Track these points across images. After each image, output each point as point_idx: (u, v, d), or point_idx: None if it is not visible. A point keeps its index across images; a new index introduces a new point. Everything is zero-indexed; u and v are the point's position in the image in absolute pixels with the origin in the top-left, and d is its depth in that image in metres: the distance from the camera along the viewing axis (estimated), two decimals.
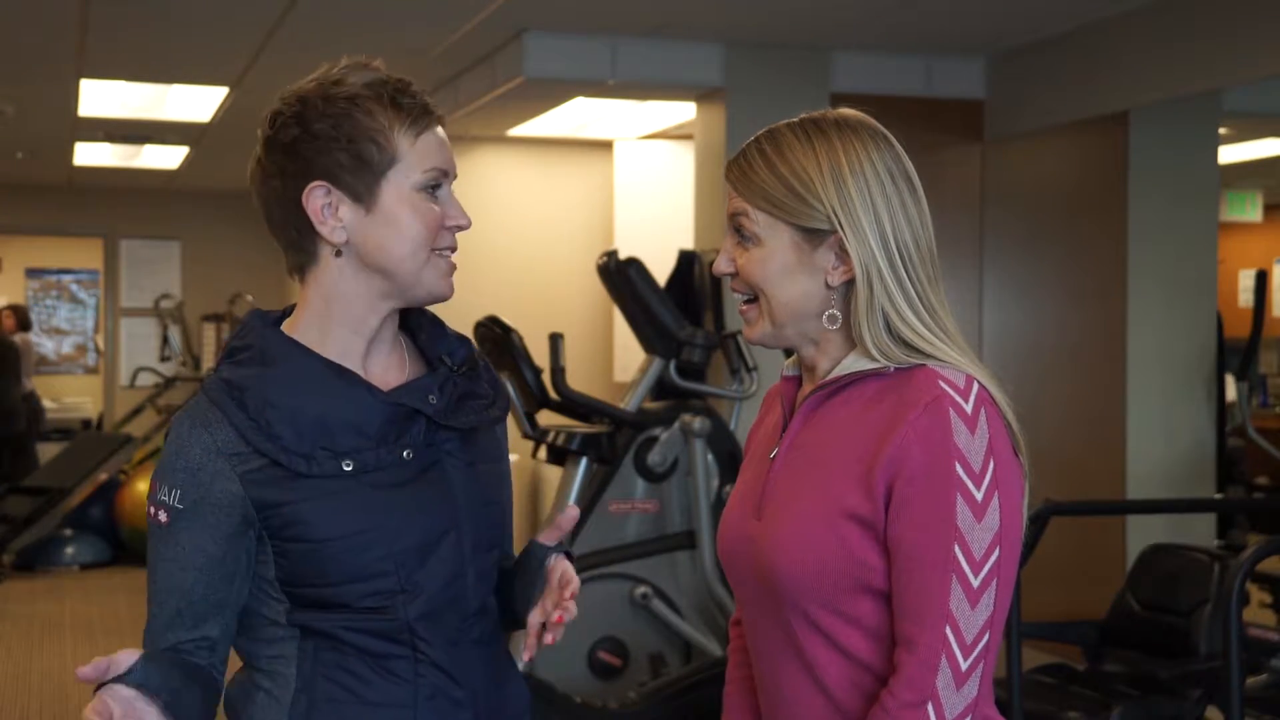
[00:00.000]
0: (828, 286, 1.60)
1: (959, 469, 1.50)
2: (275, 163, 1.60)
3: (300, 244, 1.62)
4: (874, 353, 1.58)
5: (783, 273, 1.60)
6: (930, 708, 1.48)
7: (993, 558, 1.50)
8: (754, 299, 1.64)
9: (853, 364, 1.61)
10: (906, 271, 1.58)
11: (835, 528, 1.55)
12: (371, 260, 1.60)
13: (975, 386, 1.54)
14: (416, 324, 1.72)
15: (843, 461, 1.57)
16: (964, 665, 1.49)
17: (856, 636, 1.57)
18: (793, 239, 1.59)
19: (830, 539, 1.55)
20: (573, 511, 1.66)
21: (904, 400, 1.54)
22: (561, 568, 1.64)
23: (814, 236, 1.59)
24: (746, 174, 1.62)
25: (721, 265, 1.66)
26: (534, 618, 1.61)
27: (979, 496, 1.50)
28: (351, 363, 1.63)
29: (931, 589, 1.49)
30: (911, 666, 1.49)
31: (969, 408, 1.52)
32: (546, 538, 1.69)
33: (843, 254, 1.58)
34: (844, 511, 1.55)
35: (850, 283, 1.59)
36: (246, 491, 1.56)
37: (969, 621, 1.49)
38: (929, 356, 1.57)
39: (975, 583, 1.49)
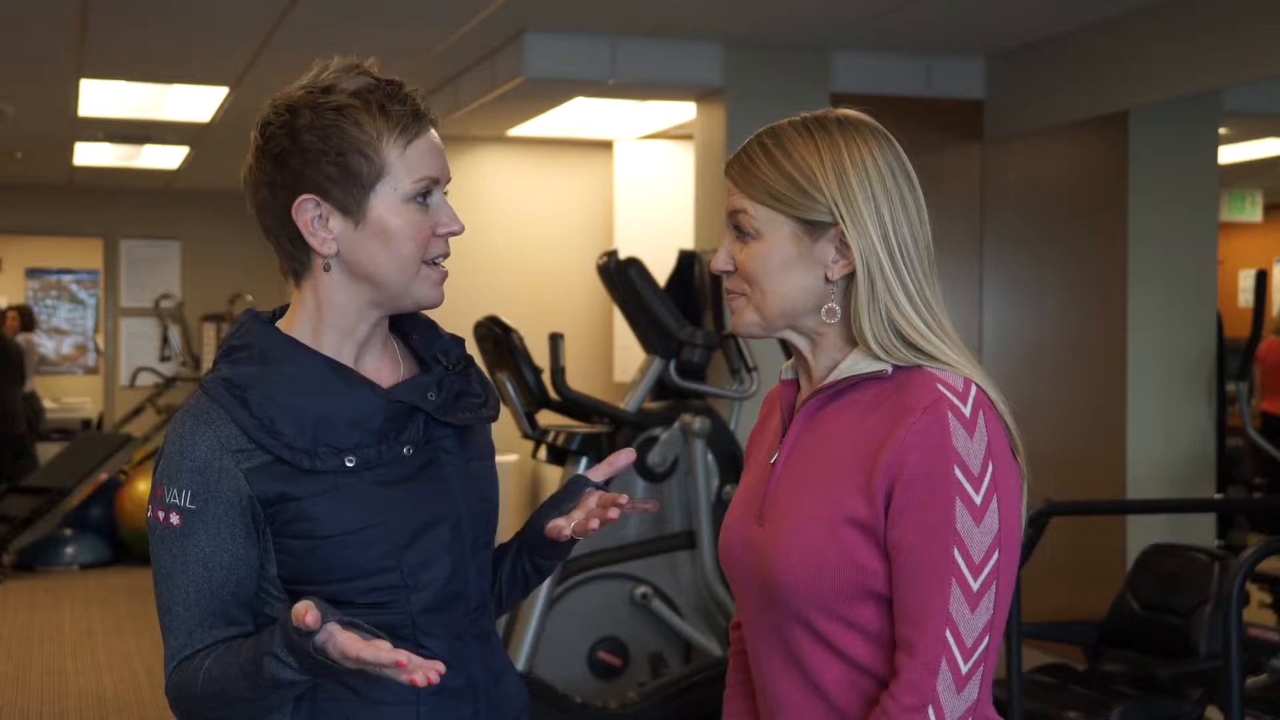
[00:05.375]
0: (827, 280, 1.60)
1: (958, 472, 1.50)
2: (265, 173, 1.61)
3: (293, 252, 1.63)
4: (875, 348, 1.58)
5: (782, 266, 1.60)
6: (930, 711, 1.48)
7: (992, 561, 1.50)
8: (744, 293, 1.64)
9: (852, 366, 1.60)
10: (905, 266, 1.58)
11: (836, 532, 1.55)
12: (362, 272, 1.61)
13: (973, 389, 1.54)
14: (410, 326, 1.73)
15: (843, 466, 1.57)
16: (964, 668, 1.49)
17: (857, 641, 1.57)
18: (793, 232, 1.59)
19: (831, 544, 1.55)
20: (629, 452, 1.69)
21: (902, 404, 1.54)
22: (600, 494, 1.67)
23: (814, 229, 1.59)
24: (747, 169, 1.62)
25: (720, 263, 1.65)
26: (559, 521, 1.65)
27: (978, 500, 1.50)
28: (344, 363, 1.64)
29: (931, 592, 1.49)
30: (912, 670, 1.49)
31: (967, 411, 1.52)
32: (594, 473, 1.70)
33: (843, 247, 1.58)
34: (844, 516, 1.55)
35: (850, 277, 1.59)
36: (251, 488, 1.56)
37: (969, 625, 1.49)
38: (928, 356, 1.57)
39: (975, 586, 1.49)
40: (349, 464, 1.58)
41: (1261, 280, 6.91)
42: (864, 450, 1.55)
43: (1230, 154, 8.44)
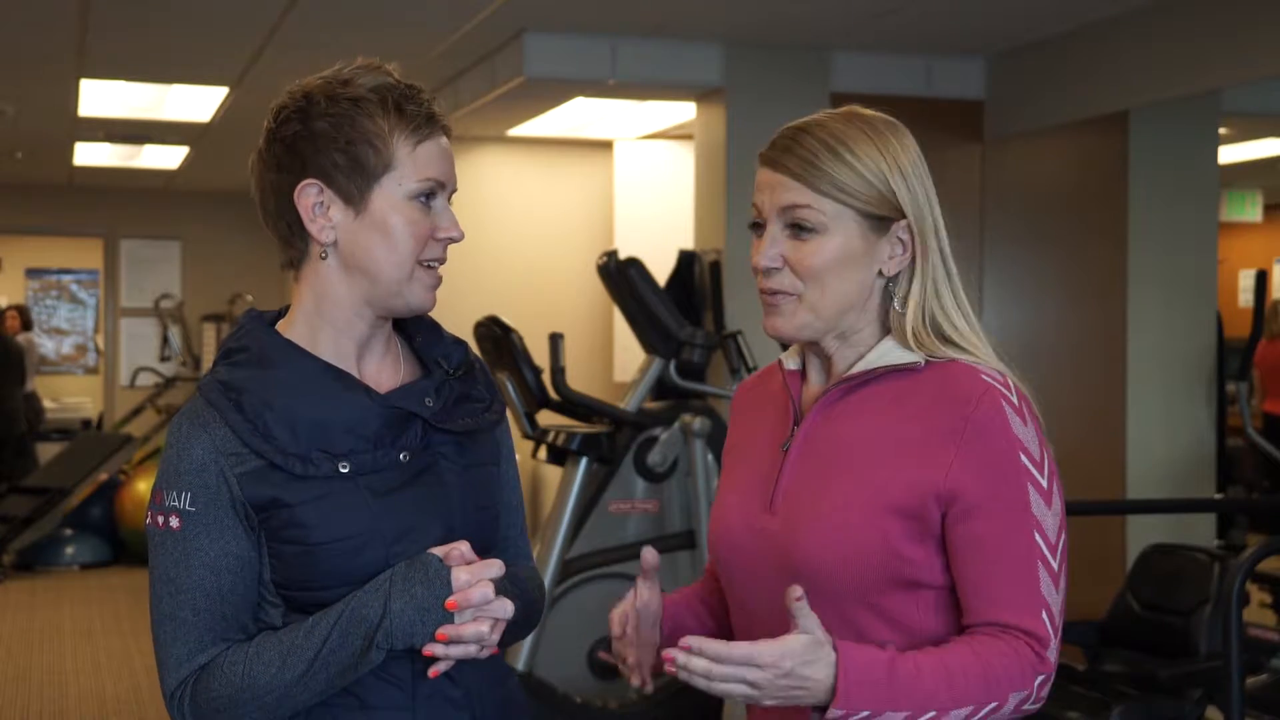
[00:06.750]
0: (880, 275, 1.62)
1: (1024, 459, 1.54)
2: (274, 156, 1.61)
3: (291, 239, 1.63)
4: (911, 342, 1.60)
5: (845, 262, 1.60)
6: (1039, 681, 1.57)
7: (1062, 541, 1.56)
8: (795, 293, 1.61)
9: (882, 355, 1.61)
10: (951, 262, 1.63)
11: (876, 522, 1.55)
12: (357, 264, 1.60)
13: (1010, 380, 1.59)
14: (414, 327, 1.72)
15: (882, 455, 1.57)
16: (1054, 647, 1.56)
17: (881, 629, 1.57)
18: (860, 227, 1.60)
19: (870, 533, 1.55)
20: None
21: (949, 395, 1.56)
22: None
23: (880, 224, 1.60)
24: (811, 164, 1.59)
25: (768, 259, 1.61)
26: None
27: (1044, 484, 1.55)
28: (345, 365, 1.63)
29: (1025, 578, 1.54)
30: (1028, 650, 1.54)
31: (1015, 400, 1.57)
32: None
33: (901, 242, 1.61)
34: (887, 505, 1.55)
35: (897, 273, 1.62)
36: (244, 492, 1.56)
37: (1055, 605, 1.56)
38: (960, 349, 1.60)
39: (1055, 566, 1.55)
40: (343, 470, 1.57)
41: (1261, 280, 6.91)
42: (909, 440, 1.56)
43: (1230, 154, 8.44)
